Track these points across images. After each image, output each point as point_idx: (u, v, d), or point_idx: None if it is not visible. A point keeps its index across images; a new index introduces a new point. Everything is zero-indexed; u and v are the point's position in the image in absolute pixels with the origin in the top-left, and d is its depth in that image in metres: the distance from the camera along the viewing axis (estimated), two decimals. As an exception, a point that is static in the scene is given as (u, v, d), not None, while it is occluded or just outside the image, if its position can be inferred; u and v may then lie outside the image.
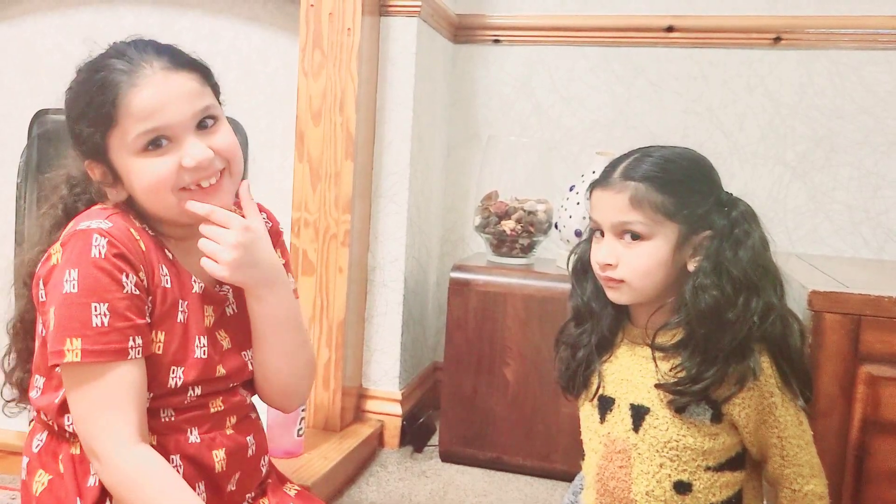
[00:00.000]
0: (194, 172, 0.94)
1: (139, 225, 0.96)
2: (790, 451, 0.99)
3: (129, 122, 0.91)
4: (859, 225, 1.91)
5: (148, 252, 0.94)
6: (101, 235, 0.90)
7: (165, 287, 0.95)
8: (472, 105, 2.12)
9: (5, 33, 1.98)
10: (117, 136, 0.93)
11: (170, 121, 0.92)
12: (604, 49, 2.02)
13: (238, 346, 1.05)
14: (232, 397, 1.03)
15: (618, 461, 1.03)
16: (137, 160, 0.93)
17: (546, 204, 1.83)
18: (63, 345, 0.88)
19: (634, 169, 1.00)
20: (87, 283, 0.88)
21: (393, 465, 1.73)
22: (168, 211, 0.96)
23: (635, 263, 0.99)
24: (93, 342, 0.88)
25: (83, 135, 0.94)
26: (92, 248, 0.89)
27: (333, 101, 1.69)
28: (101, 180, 0.97)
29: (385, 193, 1.81)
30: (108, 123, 0.92)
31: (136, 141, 0.92)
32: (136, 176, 0.94)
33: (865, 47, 1.87)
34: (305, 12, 1.69)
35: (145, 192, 0.94)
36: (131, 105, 0.91)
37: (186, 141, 0.93)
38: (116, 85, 0.91)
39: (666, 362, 0.99)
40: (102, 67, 0.94)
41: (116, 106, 0.91)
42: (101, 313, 0.88)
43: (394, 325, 1.84)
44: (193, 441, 0.97)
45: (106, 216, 0.94)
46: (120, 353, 0.89)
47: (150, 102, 0.91)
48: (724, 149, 1.97)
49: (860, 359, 1.16)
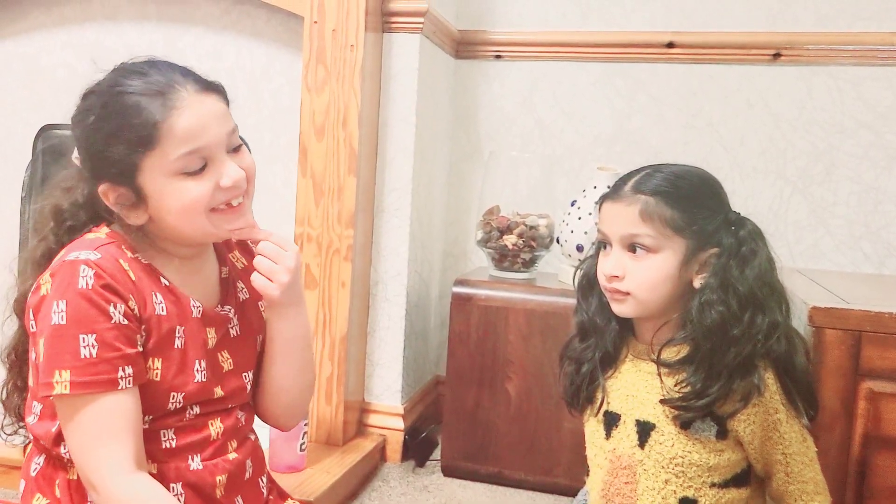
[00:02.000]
0: (228, 192, 0.96)
1: (130, 255, 0.96)
2: (795, 467, 0.99)
3: (170, 144, 0.91)
4: (860, 240, 1.91)
5: (139, 281, 0.94)
6: (89, 266, 0.90)
7: (160, 315, 0.95)
8: (474, 120, 2.13)
9: (10, 50, 1.99)
10: (155, 158, 0.92)
11: (209, 142, 0.94)
12: (605, 65, 2.04)
13: (239, 368, 1.05)
14: (229, 419, 1.03)
15: (623, 477, 1.03)
16: (174, 181, 0.93)
17: (548, 218, 1.84)
18: (52, 377, 0.88)
19: (645, 183, 1.01)
20: (75, 314, 0.88)
21: (395, 480, 1.73)
22: (196, 231, 0.96)
23: (642, 276, 1.00)
24: (81, 373, 0.88)
25: (112, 157, 0.93)
26: (79, 279, 0.89)
27: (336, 117, 1.70)
28: (118, 203, 0.95)
29: (388, 208, 1.82)
30: (147, 146, 0.91)
31: (177, 163, 0.92)
32: (171, 197, 0.93)
33: (864, 63, 1.89)
34: (309, 29, 1.71)
35: (179, 213, 0.94)
36: (174, 127, 0.91)
37: (222, 162, 0.95)
38: (156, 107, 0.91)
39: (671, 378, 1.00)
40: (131, 89, 0.93)
41: (158, 128, 0.91)
42: (89, 344, 0.88)
43: (396, 340, 1.84)
44: (195, 468, 0.97)
45: (95, 247, 0.93)
46: (109, 384, 0.89)
47: (192, 124, 0.92)
48: (725, 163, 1.98)
49: (861, 374, 1.16)
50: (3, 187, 1.99)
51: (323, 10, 1.69)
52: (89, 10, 1.94)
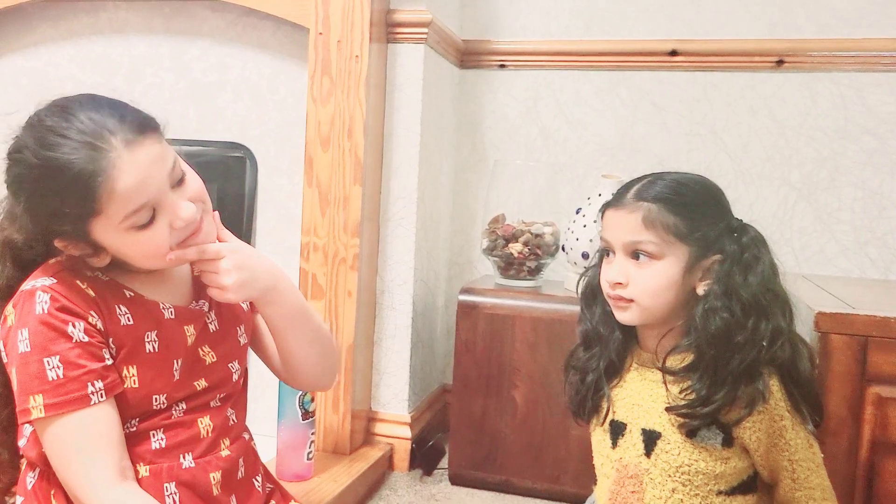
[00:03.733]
0: (184, 231, 0.96)
1: (90, 273, 0.97)
2: (801, 474, 0.99)
3: (113, 208, 0.89)
4: (865, 245, 1.91)
5: (99, 297, 0.95)
6: (44, 292, 0.92)
7: (127, 325, 0.96)
8: (479, 129, 2.14)
9: (19, 63, 2.01)
10: (102, 222, 0.90)
11: (152, 193, 0.91)
12: (608, 73, 2.05)
13: (224, 359, 1.06)
14: (218, 416, 1.03)
15: (630, 486, 1.03)
16: (128, 235, 0.92)
17: (553, 226, 1.84)
18: (27, 403, 0.90)
19: (648, 190, 1.01)
20: (37, 339, 0.90)
21: (403, 489, 1.73)
22: (163, 266, 0.98)
23: (645, 283, 1.00)
24: (52, 395, 0.90)
25: (59, 226, 0.91)
26: (36, 306, 0.91)
27: (342, 127, 1.71)
28: (76, 251, 0.95)
29: (393, 217, 1.83)
30: (90, 214, 0.89)
31: (125, 222, 0.90)
32: (130, 248, 0.94)
33: (867, 69, 1.89)
34: (314, 40, 1.72)
35: (143, 258, 0.95)
36: (114, 192, 0.88)
37: (170, 203, 0.93)
38: (90, 174, 0.86)
39: (676, 386, 1.00)
40: (62, 157, 0.87)
41: (98, 197, 0.87)
42: (55, 366, 0.90)
43: (402, 349, 1.84)
44: (188, 466, 0.98)
45: (52, 272, 0.95)
46: (81, 401, 0.90)
47: (131, 183, 0.88)
48: (729, 170, 1.98)
49: (868, 380, 1.16)
50: (12, 200, 2.00)
51: (328, 22, 1.71)
52: (97, 23, 1.96)
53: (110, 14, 1.95)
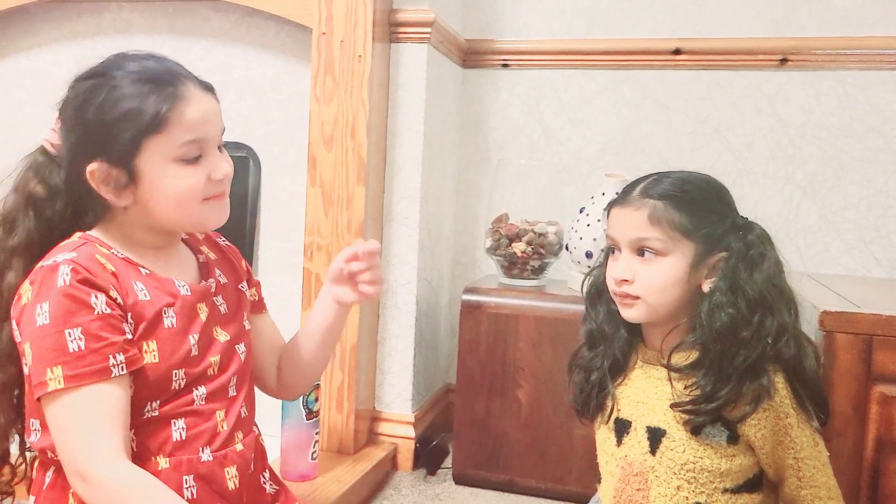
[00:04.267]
0: (218, 185, 1.00)
1: (106, 251, 0.98)
2: (806, 472, 0.99)
3: (177, 130, 0.95)
4: (870, 244, 1.91)
5: (118, 273, 0.96)
6: (66, 265, 0.92)
7: (144, 300, 0.96)
8: (482, 129, 2.14)
9: (23, 64, 2.01)
10: (160, 142, 0.95)
11: (208, 135, 0.98)
12: (612, 72, 2.04)
13: (233, 341, 1.07)
14: (233, 407, 1.04)
15: (635, 484, 1.03)
16: (172, 167, 0.96)
17: (556, 226, 1.84)
18: (44, 375, 0.89)
19: (653, 188, 1.02)
20: (58, 312, 0.90)
21: (407, 488, 1.73)
22: (184, 218, 1.00)
23: (651, 279, 1.00)
24: (73, 367, 0.89)
25: (117, 137, 0.94)
26: (58, 279, 0.91)
27: (345, 127, 1.71)
28: (105, 184, 0.96)
29: (396, 217, 1.83)
30: (154, 129, 0.94)
31: (179, 149, 0.96)
32: (169, 181, 0.97)
33: (872, 67, 1.89)
34: (317, 40, 1.72)
35: (174, 199, 0.97)
36: (182, 116, 0.95)
37: (214, 156, 1.00)
38: (167, 94, 0.95)
39: (681, 382, 1.00)
40: (143, 74, 0.96)
41: (168, 115, 0.94)
42: (76, 338, 0.89)
43: (406, 348, 1.84)
44: (206, 460, 0.98)
45: (72, 249, 0.95)
46: (102, 373, 0.90)
47: (197, 116, 0.97)
48: (734, 169, 1.98)
49: (873, 379, 1.16)
50: (16, 200, 2.01)
51: (331, 22, 1.71)
52: (101, 24, 1.96)
53: (114, 15, 1.95)
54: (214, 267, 1.11)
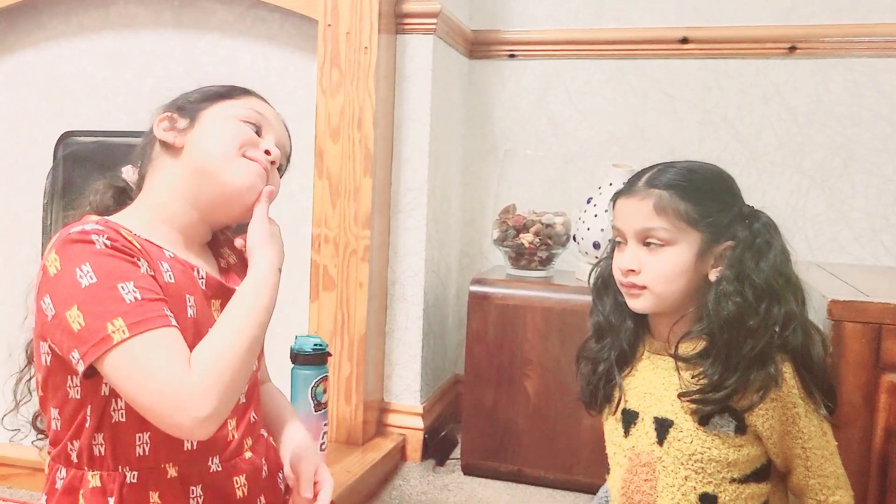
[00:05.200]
0: (259, 150, 1.04)
1: (127, 233, 0.95)
2: (814, 461, 0.99)
3: (249, 102, 1.08)
4: (879, 232, 1.90)
5: (144, 251, 0.94)
6: (98, 234, 0.89)
7: (169, 282, 0.94)
8: (489, 119, 2.14)
9: (30, 59, 2.02)
10: (229, 104, 1.06)
11: (269, 124, 1.08)
12: (618, 62, 2.04)
13: None
14: (244, 417, 1.03)
15: (643, 475, 1.03)
16: (228, 119, 1.04)
17: (564, 216, 1.84)
18: (105, 330, 0.84)
19: (659, 178, 1.02)
20: (105, 269, 0.87)
21: (415, 479, 1.73)
22: (221, 162, 1.01)
23: (658, 269, 1.00)
24: (135, 315, 0.85)
25: (197, 95, 1.08)
26: (96, 244, 0.88)
27: (352, 119, 1.71)
28: (168, 130, 1.04)
29: (404, 209, 1.83)
30: (230, 96, 1.07)
31: (244, 111, 1.05)
32: (224, 124, 1.03)
33: (881, 55, 1.87)
34: (323, 32, 1.72)
35: (221, 136, 1.02)
36: (261, 103, 1.10)
37: (269, 139, 1.07)
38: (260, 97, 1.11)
39: (688, 372, 1.00)
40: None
41: (245, 95, 1.09)
42: (131, 290, 0.86)
43: (414, 339, 1.85)
44: (215, 470, 0.97)
45: (95, 222, 0.94)
46: (164, 318, 0.87)
47: (270, 112, 1.10)
48: (742, 158, 1.97)
49: (882, 368, 1.15)
50: (25, 194, 2.02)
51: (337, 14, 1.70)
52: (107, 18, 1.96)
53: (120, 9, 1.95)
54: (235, 273, 1.09)
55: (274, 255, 1.03)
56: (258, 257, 1.02)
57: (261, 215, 1.04)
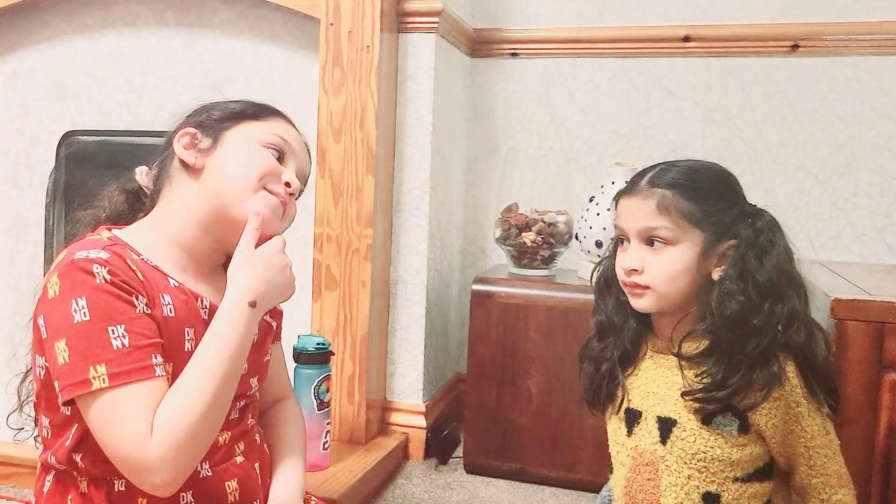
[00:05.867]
0: (280, 183, 1.03)
1: (136, 256, 0.95)
2: (817, 460, 0.99)
3: (274, 126, 1.06)
4: (882, 231, 1.90)
5: (146, 282, 0.93)
6: (101, 265, 0.88)
7: (168, 316, 0.93)
8: (491, 118, 2.14)
9: (33, 58, 2.02)
10: (253, 126, 1.04)
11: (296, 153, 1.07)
12: (621, 60, 2.03)
13: (249, 373, 1.04)
14: (238, 424, 1.02)
15: (646, 474, 1.03)
16: (252, 144, 1.03)
17: (566, 215, 1.84)
18: (87, 374, 0.85)
19: (661, 177, 1.02)
20: (99, 308, 0.87)
21: (418, 478, 1.74)
22: (239, 193, 0.99)
23: (661, 268, 1.00)
24: (118, 364, 0.86)
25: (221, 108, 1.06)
26: (96, 277, 0.88)
27: (354, 118, 1.71)
28: (188, 147, 1.02)
29: (406, 207, 1.83)
30: (256, 116, 1.05)
31: (268, 136, 1.04)
32: (247, 150, 1.02)
33: (884, 53, 1.87)
34: (325, 31, 1.72)
35: (244, 164, 1.01)
36: (285, 125, 1.08)
37: (290, 169, 1.05)
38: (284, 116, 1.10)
39: (691, 371, 1.00)
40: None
41: (272, 116, 1.07)
42: (120, 335, 0.86)
43: (417, 338, 1.85)
44: (205, 475, 0.96)
45: (102, 247, 0.92)
46: (147, 370, 0.87)
47: (294, 134, 1.09)
48: (744, 157, 1.96)
49: (884, 366, 1.15)
50: (28, 194, 2.03)
51: (338, 13, 1.70)
52: (109, 17, 1.96)
53: (122, 7, 1.95)
54: None
55: (247, 284, 0.96)
56: (229, 287, 0.97)
57: (245, 242, 0.99)
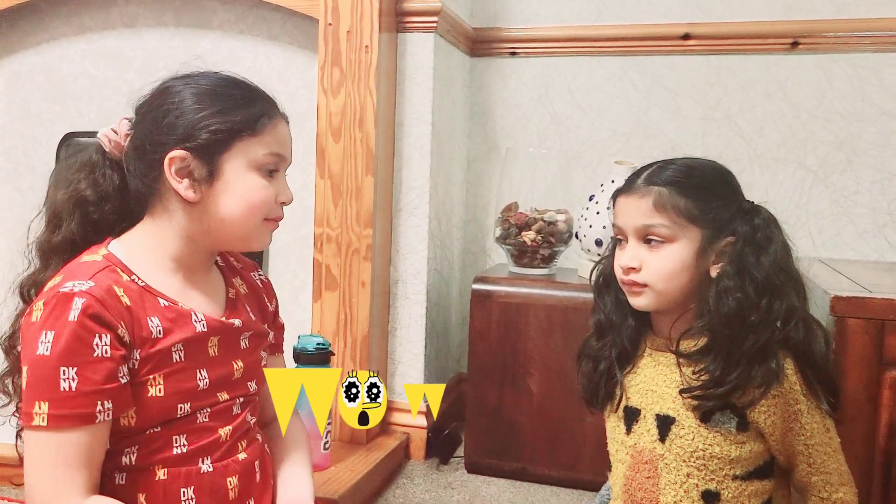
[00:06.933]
0: (280, 209, 1.02)
1: (126, 278, 0.95)
2: (817, 458, 0.98)
3: (269, 139, 0.98)
4: (883, 228, 1.89)
5: (134, 306, 0.93)
6: (80, 297, 0.89)
7: (157, 338, 0.94)
8: (491, 117, 2.14)
9: (32, 60, 2.02)
10: (250, 145, 0.97)
11: (287, 157, 1.02)
12: (620, 58, 2.03)
13: (245, 377, 1.04)
14: (238, 419, 1.02)
15: (645, 472, 1.03)
16: (254, 174, 0.98)
17: (566, 214, 1.83)
18: (32, 408, 0.88)
19: (658, 175, 1.02)
20: (59, 346, 0.87)
21: (419, 477, 1.73)
22: (243, 230, 0.99)
23: (658, 266, 1.00)
24: (59, 407, 0.87)
25: (209, 127, 0.95)
26: (70, 311, 0.88)
27: (353, 118, 1.71)
28: (182, 174, 0.95)
29: (406, 207, 1.83)
30: (250, 131, 0.97)
31: (265, 158, 0.98)
32: (246, 187, 0.97)
33: (885, 49, 1.86)
34: (323, 31, 1.72)
35: (245, 205, 0.97)
36: (276, 130, 0.99)
37: (283, 180, 1.02)
38: (267, 107, 1.00)
39: (689, 368, 1.00)
40: (247, 82, 1.02)
41: (266, 122, 0.98)
42: (70, 377, 0.87)
43: (417, 338, 1.85)
44: (206, 470, 0.97)
45: (90, 275, 0.92)
46: (86, 419, 0.88)
47: (284, 136, 1.02)
48: (744, 155, 1.96)
49: (885, 364, 1.15)
50: (29, 196, 2.03)
51: (337, 12, 1.70)
52: (108, 18, 1.96)
53: (121, 9, 1.96)
54: (244, 304, 1.08)
55: None
56: None
57: None
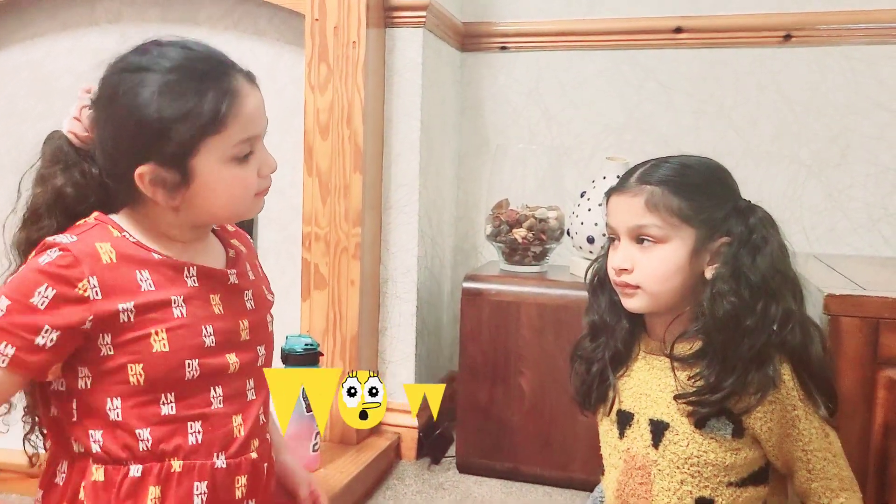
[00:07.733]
0: (265, 180, 0.98)
1: (117, 234, 0.93)
2: (816, 464, 0.96)
3: (235, 129, 0.91)
4: (878, 222, 1.88)
5: (119, 261, 0.91)
6: (56, 248, 0.89)
7: (147, 290, 0.92)
8: (481, 113, 2.11)
9: (17, 57, 2.00)
10: (216, 142, 0.91)
11: (259, 132, 0.95)
12: (612, 52, 2.01)
13: (254, 342, 1.02)
14: (251, 414, 1.01)
15: (638, 478, 1.01)
16: (227, 168, 0.93)
17: (557, 211, 1.81)
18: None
19: (651, 174, 0.99)
20: (17, 279, 0.89)
21: (410, 478, 1.72)
22: (233, 214, 0.98)
23: (651, 268, 0.98)
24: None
25: (173, 138, 0.89)
26: (42, 256, 0.89)
27: (341, 115, 1.69)
28: (156, 185, 0.92)
29: (395, 205, 1.81)
30: (214, 129, 0.90)
31: (235, 148, 0.92)
32: (224, 182, 0.93)
33: (878, 42, 1.85)
34: (310, 27, 1.69)
35: (229, 199, 0.95)
36: (239, 113, 0.91)
37: (262, 151, 0.96)
38: (224, 90, 0.90)
39: (684, 373, 0.98)
40: (196, 68, 0.91)
41: (227, 113, 0.90)
42: (2, 307, 0.87)
43: (408, 337, 1.83)
44: (220, 466, 0.96)
45: (77, 232, 0.92)
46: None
47: (252, 111, 0.93)
48: (737, 149, 1.94)
49: (880, 363, 1.13)
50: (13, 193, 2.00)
51: (324, 8, 1.68)
52: (92, 14, 1.94)
53: (106, 5, 1.93)
54: (245, 261, 1.07)
55: None
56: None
57: None
